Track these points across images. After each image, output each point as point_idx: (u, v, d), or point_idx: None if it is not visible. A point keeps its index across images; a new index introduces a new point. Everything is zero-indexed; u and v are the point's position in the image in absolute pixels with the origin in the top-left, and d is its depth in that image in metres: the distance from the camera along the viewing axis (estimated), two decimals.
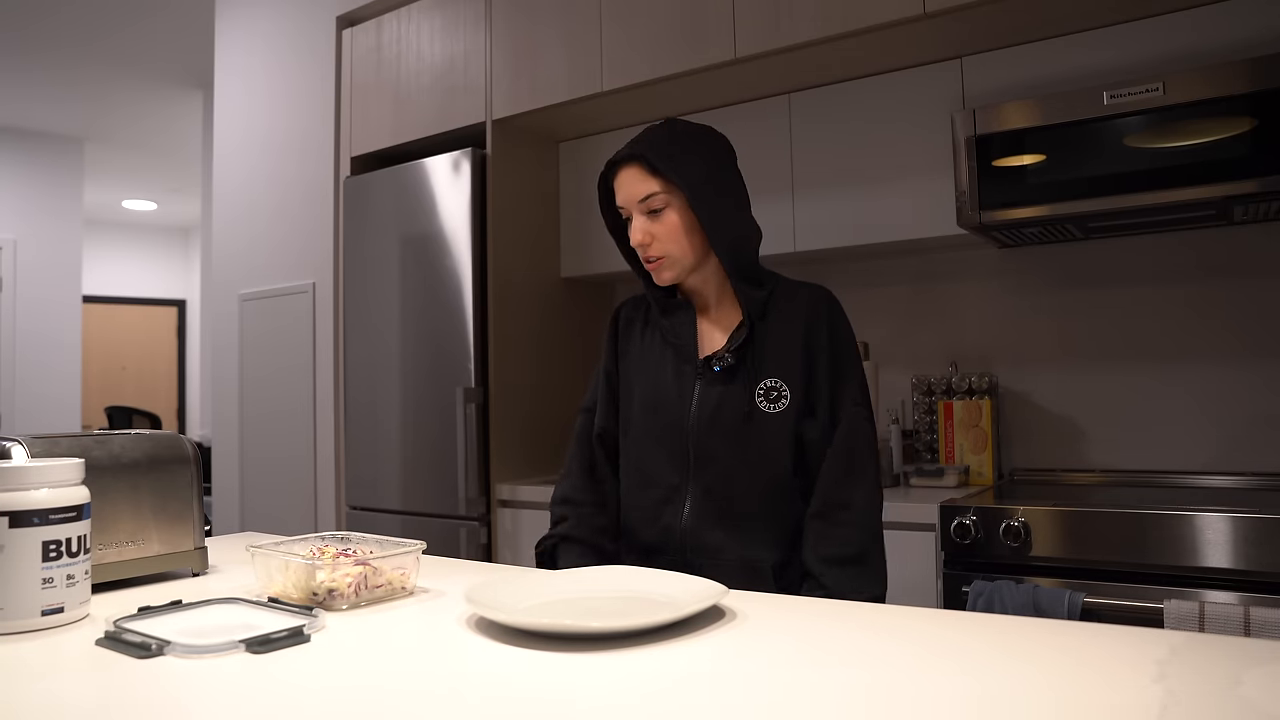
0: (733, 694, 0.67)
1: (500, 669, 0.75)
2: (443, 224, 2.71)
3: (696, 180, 1.33)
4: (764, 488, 1.32)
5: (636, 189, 1.34)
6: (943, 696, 0.66)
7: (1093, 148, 1.88)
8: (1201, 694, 0.64)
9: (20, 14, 4.29)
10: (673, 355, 1.39)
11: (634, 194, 1.34)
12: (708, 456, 1.33)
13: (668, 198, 1.33)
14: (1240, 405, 2.08)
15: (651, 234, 1.34)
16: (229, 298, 3.50)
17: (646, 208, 1.34)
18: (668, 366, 1.39)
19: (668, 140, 1.35)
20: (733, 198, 1.38)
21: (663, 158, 1.32)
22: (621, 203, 1.36)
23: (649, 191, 1.33)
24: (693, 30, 2.35)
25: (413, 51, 2.94)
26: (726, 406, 1.33)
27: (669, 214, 1.34)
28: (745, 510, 1.32)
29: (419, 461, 2.73)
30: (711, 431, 1.33)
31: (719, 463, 1.33)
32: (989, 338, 2.40)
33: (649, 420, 1.38)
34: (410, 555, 1.05)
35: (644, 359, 1.42)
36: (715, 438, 1.33)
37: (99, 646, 0.83)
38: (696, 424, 1.34)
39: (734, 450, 1.32)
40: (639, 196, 1.34)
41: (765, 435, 1.32)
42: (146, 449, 1.15)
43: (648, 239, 1.34)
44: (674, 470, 1.35)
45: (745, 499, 1.32)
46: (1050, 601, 1.63)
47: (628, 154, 1.35)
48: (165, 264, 9.17)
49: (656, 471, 1.37)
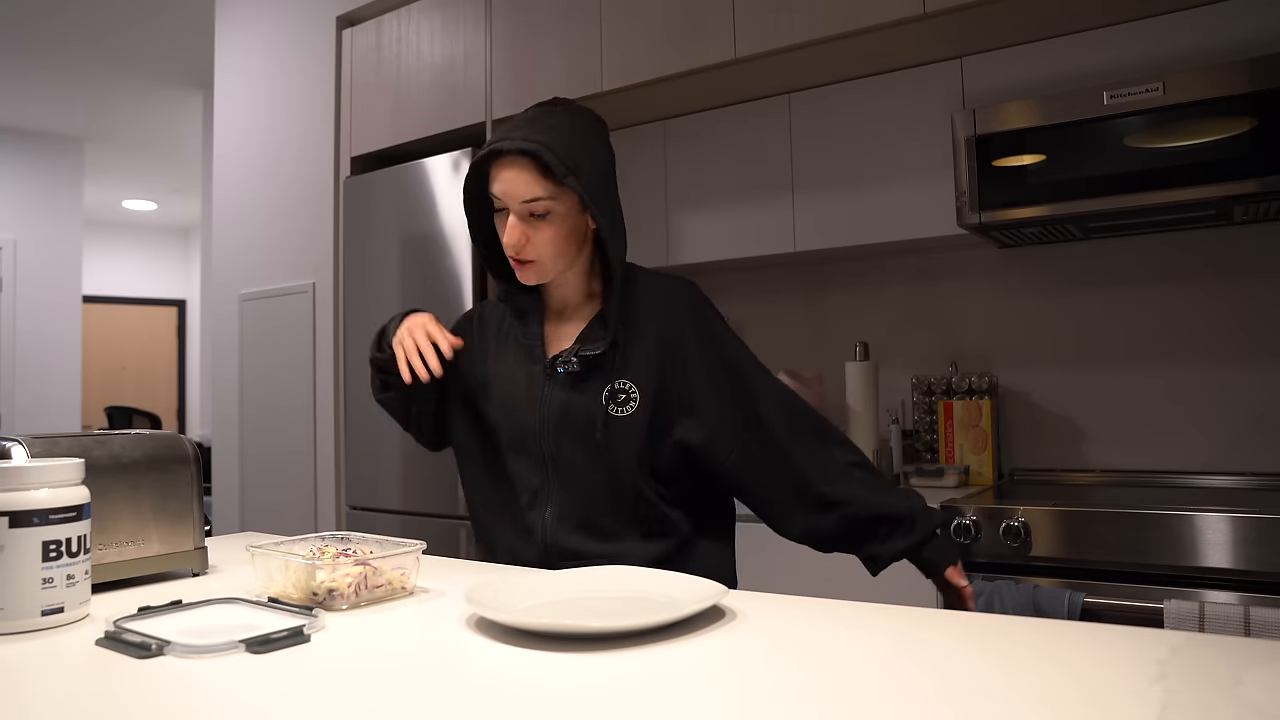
0: (732, 694, 0.67)
1: (500, 669, 0.75)
2: (443, 224, 2.71)
3: (595, 185, 1.22)
4: (620, 490, 1.26)
5: (522, 189, 1.20)
6: (943, 696, 0.66)
7: (1093, 148, 1.88)
8: (1201, 694, 0.64)
9: (21, 14, 4.29)
10: (524, 356, 1.33)
11: (518, 194, 1.20)
12: (562, 459, 1.27)
13: (553, 204, 1.21)
14: (1240, 405, 2.08)
15: (528, 237, 1.22)
16: (229, 298, 3.50)
17: (529, 210, 1.21)
18: (520, 368, 1.32)
19: (568, 137, 1.21)
20: (617, 197, 1.30)
21: (563, 160, 1.18)
22: (500, 195, 1.22)
23: (536, 195, 1.20)
24: (693, 30, 2.35)
25: (413, 51, 2.94)
26: (574, 409, 1.27)
27: (552, 220, 1.22)
28: (604, 512, 1.27)
29: (419, 461, 2.73)
30: (561, 434, 1.27)
31: (574, 466, 1.27)
32: (989, 338, 2.40)
33: (506, 421, 1.31)
34: (410, 555, 1.05)
35: (500, 358, 1.35)
36: (565, 441, 1.27)
37: (99, 646, 0.83)
38: (548, 427, 1.28)
39: (586, 453, 1.26)
40: (523, 197, 1.20)
41: (615, 439, 1.25)
42: (146, 449, 1.15)
43: (523, 241, 1.22)
44: (532, 472, 1.29)
45: (602, 502, 1.26)
46: (1050, 601, 1.63)
47: (520, 147, 1.19)
48: (165, 264, 9.17)
49: (516, 473, 1.31)
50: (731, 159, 2.54)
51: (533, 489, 1.29)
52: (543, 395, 1.29)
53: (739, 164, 2.53)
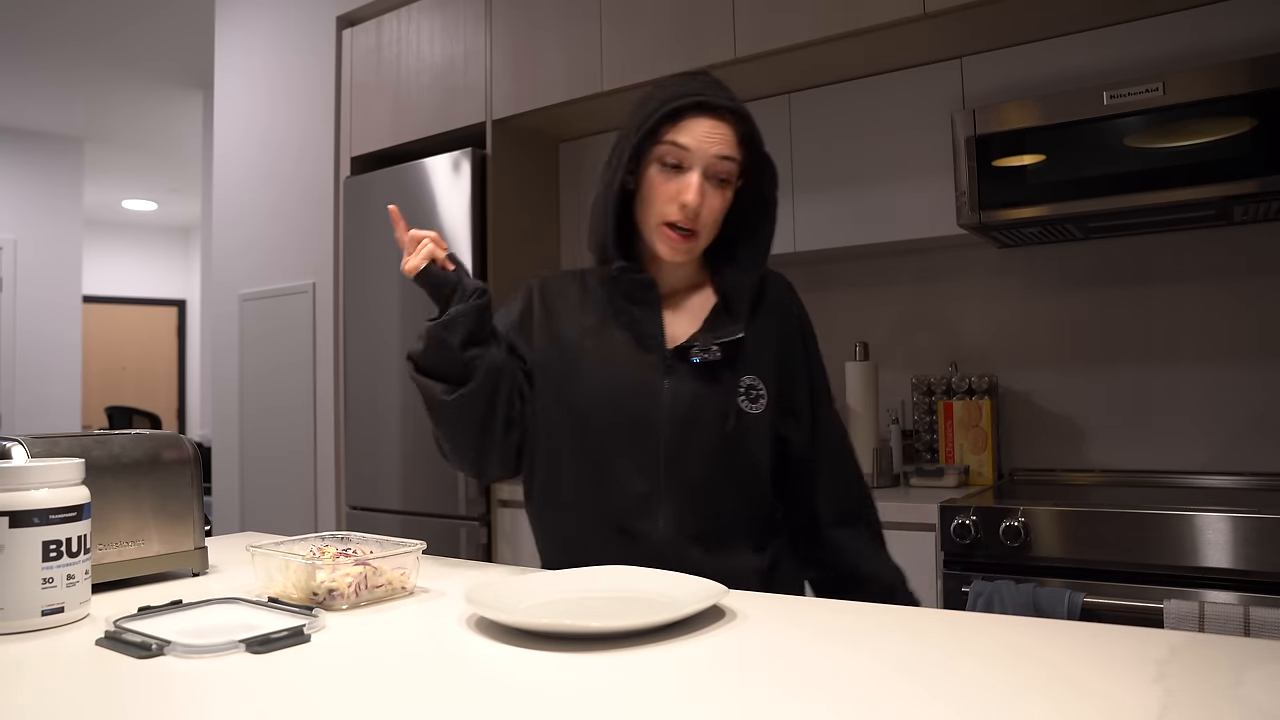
0: (733, 694, 0.67)
1: (500, 669, 0.75)
2: (443, 224, 2.71)
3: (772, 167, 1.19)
4: (746, 495, 1.21)
5: (721, 145, 1.13)
6: (943, 696, 0.66)
7: (1093, 148, 1.88)
8: (1201, 694, 0.64)
9: (20, 13, 4.29)
10: (633, 343, 1.20)
11: (714, 149, 1.13)
12: (684, 458, 1.16)
13: (735, 173, 1.16)
14: (1240, 405, 2.08)
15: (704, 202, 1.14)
16: (229, 298, 3.49)
17: (717, 173, 1.14)
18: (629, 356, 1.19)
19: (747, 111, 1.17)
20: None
21: (756, 131, 1.16)
22: (689, 147, 1.13)
23: (732, 155, 1.14)
24: (693, 30, 2.35)
25: (413, 51, 2.94)
26: (704, 404, 1.17)
27: (725, 191, 1.16)
28: (725, 520, 1.19)
29: (419, 461, 2.72)
30: (686, 431, 1.16)
31: (697, 466, 1.17)
32: (989, 338, 2.40)
33: (608, 414, 1.17)
34: (410, 555, 1.05)
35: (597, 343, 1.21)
36: (691, 437, 1.16)
37: (99, 646, 0.83)
38: (670, 422, 1.16)
39: (712, 455, 1.17)
40: (720, 154, 1.13)
41: (747, 438, 1.19)
42: (146, 449, 1.15)
43: (699, 202, 1.14)
44: (641, 473, 1.16)
45: (726, 508, 1.19)
46: (1050, 601, 1.63)
47: (732, 106, 1.14)
48: (165, 264, 9.17)
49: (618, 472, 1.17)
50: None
51: (640, 492, 1.16)
52: (664, 387, 1.17)
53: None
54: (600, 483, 1.18)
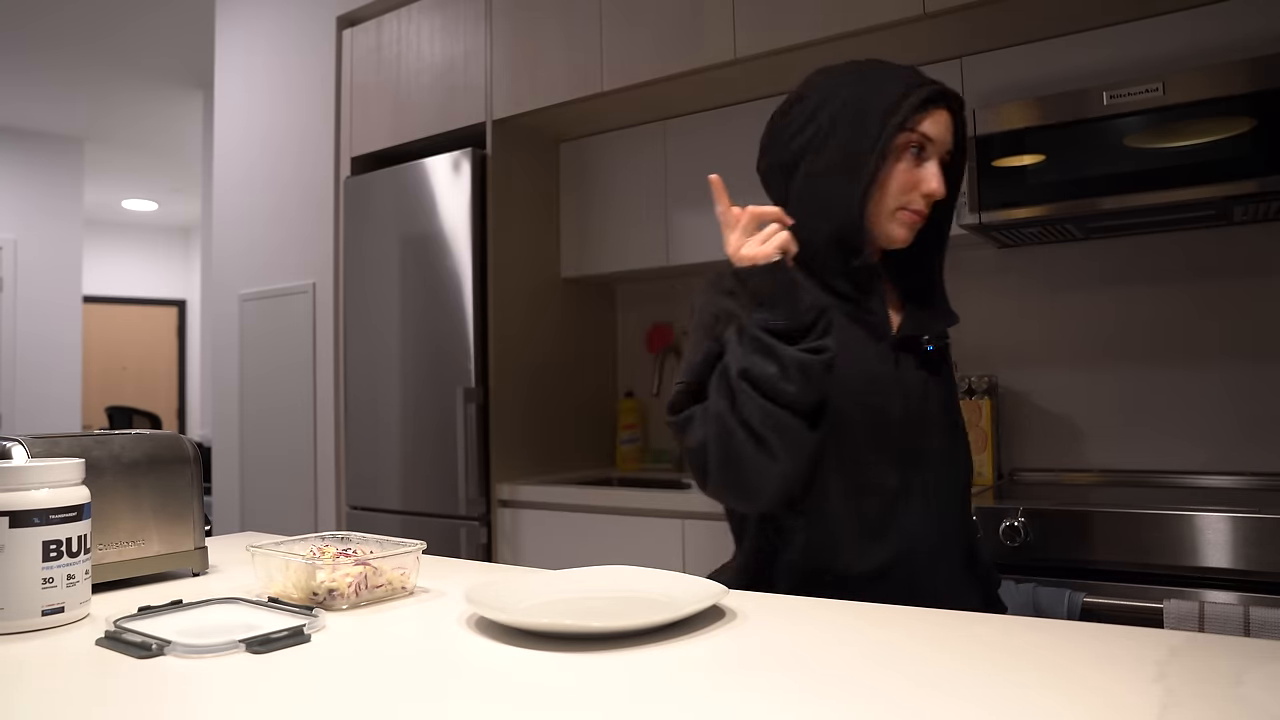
0: (733, 694, 0.67)
1: (500, 669, 0.75)
2: (443, 224, 2.71)
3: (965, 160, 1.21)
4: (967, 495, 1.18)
5: (949, 137, 1.17)
6: (943, 696, 0.66)
7: (1093, 148, 1.88)
8: (1201, 694, 0.64)
9: (21, 13, 4.29)
10: (865, 333, 1.14)
11: (948, 141, 1.17)
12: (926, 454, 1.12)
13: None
14: (1240, 405, 2.08)
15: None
16: (229, 298, 3.50)
17: (943, 162, 1.17)
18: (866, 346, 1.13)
19: None
20: None
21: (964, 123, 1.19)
22: (933, 138, 1.14)
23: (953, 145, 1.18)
24: (693, 30, 2.35)
25: (413, 51, 2.94)
26: (934, 395, 1.15)
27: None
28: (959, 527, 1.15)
29: (419, 461, 2.73)
30: (925, 423, 1.12)
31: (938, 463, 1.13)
32: (989, 338, 2.40)
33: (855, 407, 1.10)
34: (410, 555, 1.05)
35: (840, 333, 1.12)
36: (929, 430, 1.13)
37: (99, 646, 0.83)
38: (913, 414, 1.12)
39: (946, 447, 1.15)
40: (949, 147, 1.17)
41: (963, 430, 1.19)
42: (146, 449, 1.15)
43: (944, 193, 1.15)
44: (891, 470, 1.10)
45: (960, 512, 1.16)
46: (1050, 601, 1.63)
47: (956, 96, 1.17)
48: (165, 264, 9.17)
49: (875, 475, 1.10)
50: (732, 159, 2.54)
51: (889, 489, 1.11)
52: (899, 377, 1.14)
53: (739, 164, 2.53)
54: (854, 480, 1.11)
